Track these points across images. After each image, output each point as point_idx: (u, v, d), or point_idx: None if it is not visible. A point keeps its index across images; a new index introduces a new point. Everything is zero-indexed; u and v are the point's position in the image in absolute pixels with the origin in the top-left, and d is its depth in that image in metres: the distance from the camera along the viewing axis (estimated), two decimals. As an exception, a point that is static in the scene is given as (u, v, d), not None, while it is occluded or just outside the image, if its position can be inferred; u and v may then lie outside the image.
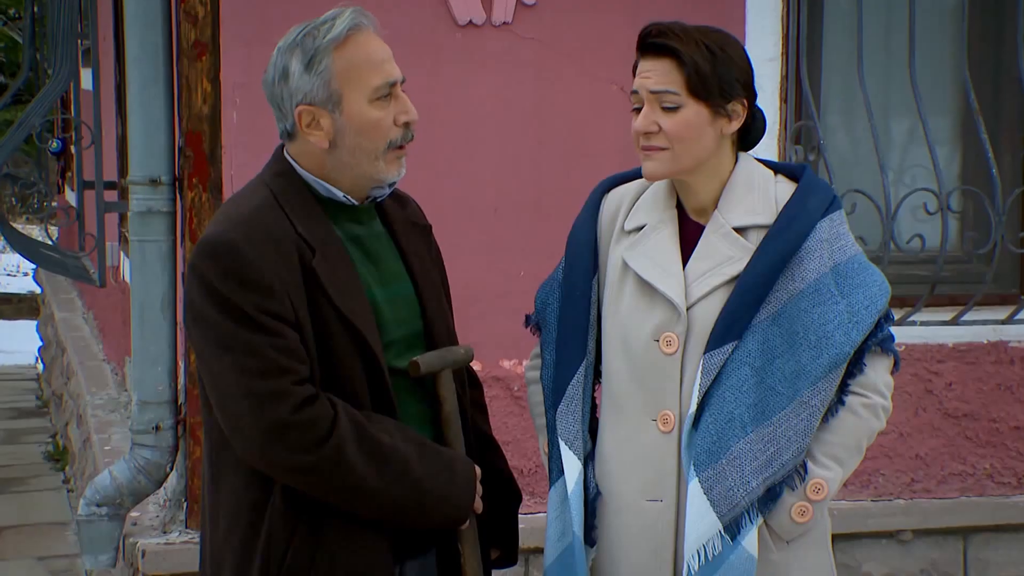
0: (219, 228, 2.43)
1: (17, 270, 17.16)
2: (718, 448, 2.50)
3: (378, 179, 2.52)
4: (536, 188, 4.27)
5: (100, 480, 4.16)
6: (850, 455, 2.57)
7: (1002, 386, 4.69)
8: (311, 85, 2.46)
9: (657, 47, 2.54)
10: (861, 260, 2.58)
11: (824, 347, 2.50)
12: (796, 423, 2.50)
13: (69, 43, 5.12)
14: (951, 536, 4.71)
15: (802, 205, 2.57)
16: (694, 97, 2.53)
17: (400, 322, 2.57)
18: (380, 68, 2.47)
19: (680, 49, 2.51)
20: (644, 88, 2.55)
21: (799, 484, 2.52)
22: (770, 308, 2.53)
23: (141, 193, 4.06)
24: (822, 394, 2.51)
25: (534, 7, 4.23)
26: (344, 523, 2.44)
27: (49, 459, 7.33)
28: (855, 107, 4.71)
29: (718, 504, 2.49)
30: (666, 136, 2.54)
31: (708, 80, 2.52)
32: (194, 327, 2.43)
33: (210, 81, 4.00)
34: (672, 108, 2.53)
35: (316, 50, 2.45)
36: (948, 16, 4.86)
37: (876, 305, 2.53)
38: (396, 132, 2.50)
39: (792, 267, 2.53)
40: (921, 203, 4.52)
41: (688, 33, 2.55)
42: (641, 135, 2.56)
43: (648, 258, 2.62)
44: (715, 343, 2.53)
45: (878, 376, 2.57)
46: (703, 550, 2.50)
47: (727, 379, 2.52)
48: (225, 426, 2.42)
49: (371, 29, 2.50)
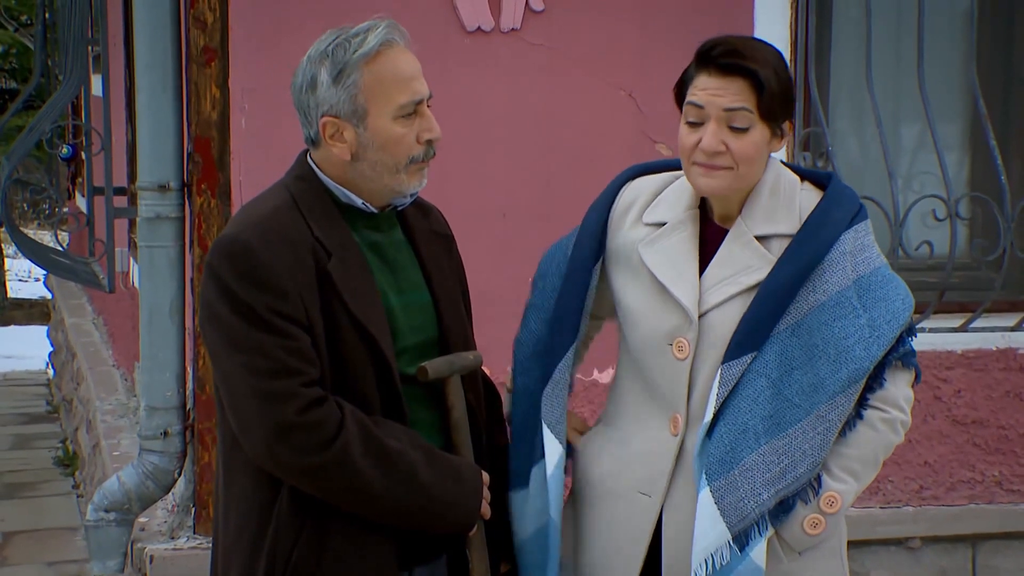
0: (236, 229, 2.46)
1: (28, 275, 17.22)
2: (731, 458, 2.49)
3: (398, 191, 2.54)
4: (544, 193, 4.27)
5: (109, 485, 4.17)
6: (866, 469, 2.55)
7: (1011, 393, 4.68)
8: (337, 98, 2.46)
9: (731, 67, 2.49)
10: (885, 273, 2.54)
11: (843, 361, 2.47)
12: (812, 436, 2.48)
13: (80, 49, 5.14)
14: (960, 543, 4.71)
15: (827, 216, 2.54)
16: (763, 119, 2.51)
17: (415, 329, 2.57)
18: (407, 86, 2.48)
19: (759, 72, 2.47)
20: (716, 106, 2.49)
21: (813, 498, 2.50)
22: (790, 319, 2.51)
23: (150, 199, 4.07)
24: (839, 408, 2.48)
25: (542, 13, 4.23)
26: (351, 526, 2.44)
27: (59, 464, 7.34)
28: (864, 113, 4.71)
29: (728, 514, 2.48)
30: (732, 156, 2.51)
31: (778, 103, 2.51)
32: (208, 326, 2.45)
33: (219, 87, 4.01)
34: (742, 129, 2.50)
35: (346, 64, 2.45)
36: (957, 22, 4.86)
37: (898, 320, 2.50)
38: (419, 149, 2.51)
39: (814, 278, 2.51)
40: (930, 210, 4.52)
41: (758, 51, 2.51)
42: (704, 152, 2.51)
43: (665, 258, 2.61)
44: (733, 354, 2.52)
45: (898, 390, 2.54)
46: (711, 559, 2.50)
47: (743, 389, 2.51)
48: (235, 425, 2.43)
49: (402, 44, 2.50)
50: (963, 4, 4.82)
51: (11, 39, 13.60)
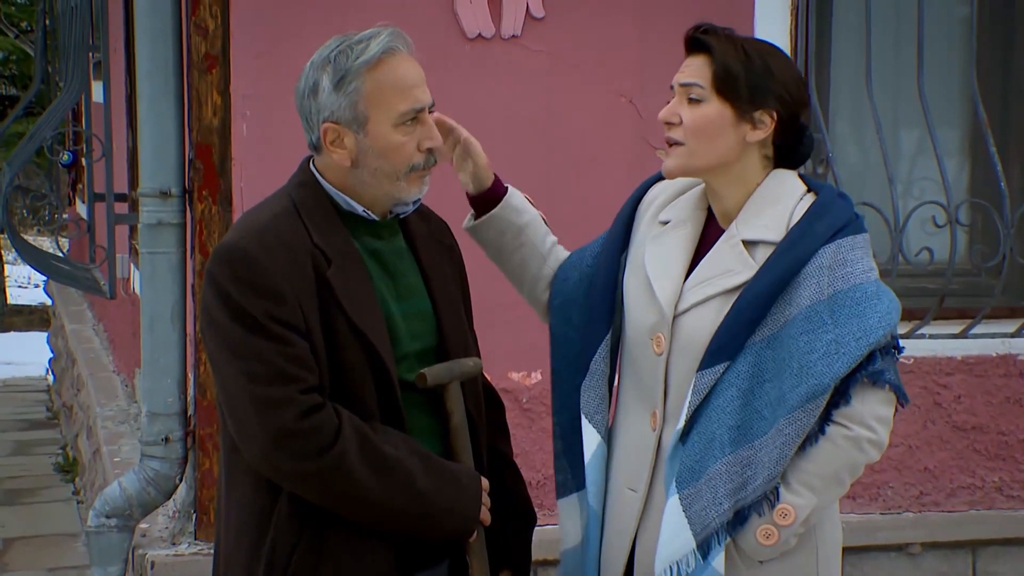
0: (236, 235, 2.47)
1: (28, 282, 17.22)
2: (699, 467, 2.50)
3: (398, 198, 2.55)
4: (545, 199, 4.22)
5: (109, 491, 4.17)
6: (826, 484, 2.51)
7: (1011, 399, 4.68)
8: (338, 104, 2.47)
9: (696, 43, 2.56)
10: (866, 289, 2.49)
11: (804, 377, 2.44)
12: (771, 450, 2.46)
13: (80, 56, 5.14)
14: (960, 549, 4.71)
15: (808, 228, 2.52)
16: (719, 95, 2.53)
17: (415, 337, 2.58)
18: (408, 93, 2.48)
19: (714, 45, 2.53)
20: (676, 81, 2.57)
21: (768, 510, 2.48)
22: (766, 331, 2.50)
23: (151, 205, 4.08)
24: (797, 424, 2.45)
25: (543, 20, 4.24)
26: (349, 532, 2.45)
27: (59, 471, 7.35)
28: (864, 120, 4.71)
29: (694, 522, 2.49)
30: (684, 129, 2.55)
31: (736, 81, 2.52)
32: (207, 331, 2.46)
33: (220, 93, 4.02)
34: (696, 100, 2.54)
35: (347, 71, 2.46)
36: (957, 29, 4.87)
37: (868, 337, 2.44)
38: (419, 157, 2.51)
39: (790, 291, 2.49)
40: (930, 216, 4.53)
41: (730, 36, 2.56)
42: (663, 124, 2.58)
43: (659, 254, 2.64)
44: (708, 362, 2.52)
45: (865, 408, 2.47)
46: (675, 567, 2.51)
47: (715, 399, 2.51)
48: (233, 431, 2.44)
49: (405, 52, 2.50)
50: (963, 10, 4.83)
51: (11, 45, 13.62)
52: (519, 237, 2.83)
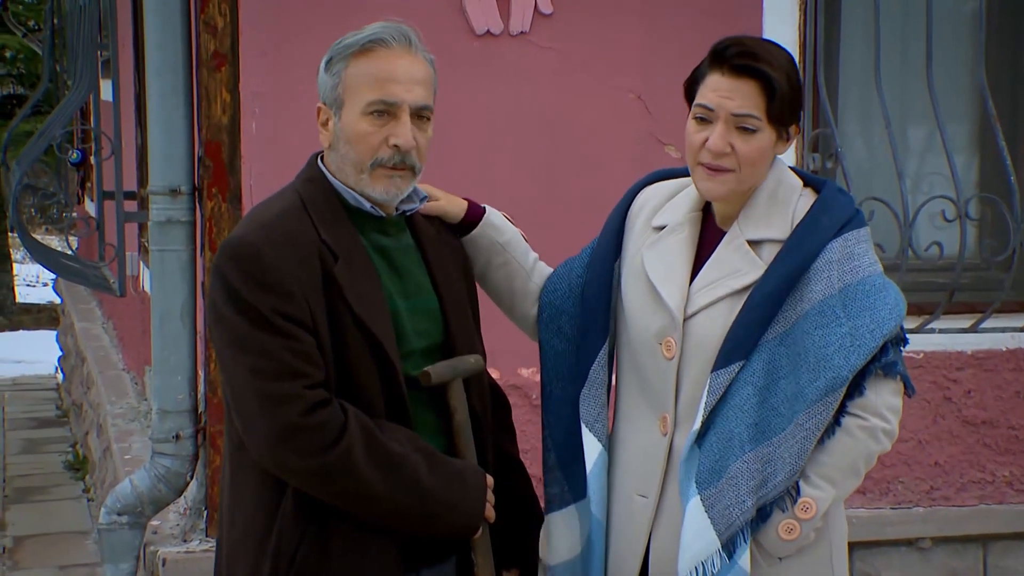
0: (243, 230, 2.48)
1: (37, 280, 17.26)
2: (719, 467, 2.50)
3: (365, 192, 2.53)
4: (551, 196, 4.28)
5: (120, 489, 4.17)
6: (844, 476, 2.54)
7: (1021, 393, 4.68)
8: (326, 85, 2.54)
9: (743, 69, 2.49)
10: (874, 282, 2.52)
11: (822, 370, 2.46)
12: (791, 445, 2.48)
13: (89, 54, 5.14)
14: (970, 544, 4.71)
15: (815, 224, 2.54)
16: (771, 123, 2.52)
17: (421, 334, 2.58)
18: (382, 85, 2.48)
19: (771, 75, 2.48)
20: (725, 109, 2.50)
21: (790, 505, 2.51)
22: (779, 328, 2.51)
23: (161, 203, 4.08)
24: (817, 417, 2.47)
25: (551, 16, 4.24)
26: (354, 528, 2.45)
27: (69, 468, 7.36)
28: (873, 115, 4.71)
29: (718, 523, 2.50)
30: (737, 158, 2.52)
31: (787, 107, 2.51)
32: (215, 327, 2.46)
33: (229, 91, 4.02)
34: (749, 131, 2.51)
35: (335, 54, 2.52)
36: (965, 23, 4.86)
37: (882, 329, 2.47)
38: (385, 152, 2.50)
39: (801, 287, 2.51)
40: (939, 210, 4.52)
41: (772, 55, 2.51)
42: (711, 152, 2.52)
43: (660, 259, 2.64)
44: (722, 363, 2.53)
45: (879, 399, 2.51)
46: (701, 567, 2.51)
47: (731, 398, 2.52)
48: (239, 426, 2.45)
49: (399, 48, 2.50)
50: (971, 5, 4.82)
51: (19, 44, 13.63)
52: (502, 254, 2.84)
